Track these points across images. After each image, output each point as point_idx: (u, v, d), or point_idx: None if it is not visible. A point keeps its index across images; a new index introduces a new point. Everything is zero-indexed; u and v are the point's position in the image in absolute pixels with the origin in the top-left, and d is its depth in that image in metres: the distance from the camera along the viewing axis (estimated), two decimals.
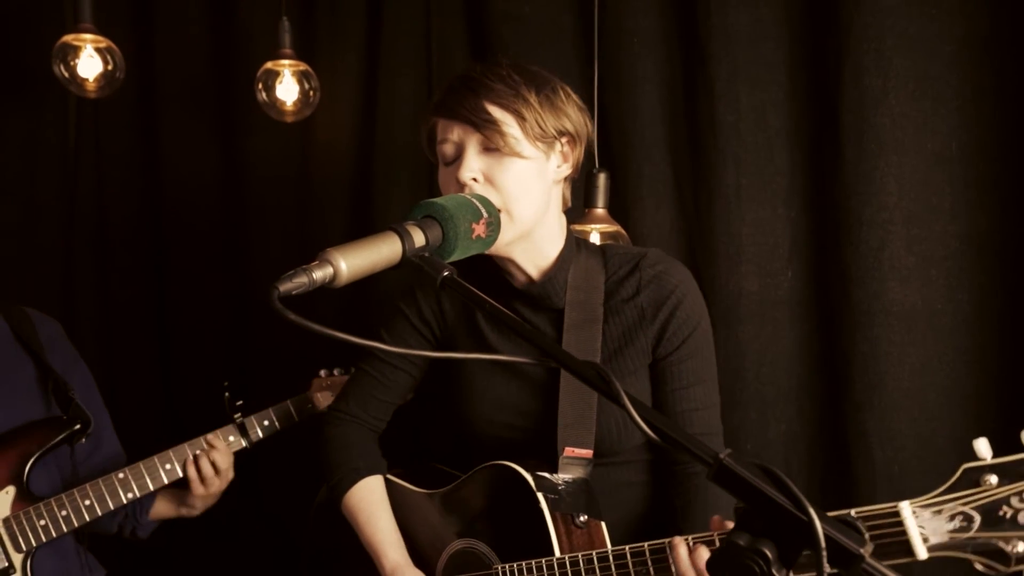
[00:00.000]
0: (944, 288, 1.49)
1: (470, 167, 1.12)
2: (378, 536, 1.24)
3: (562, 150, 1.18)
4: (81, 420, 1.43)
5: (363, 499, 1.27)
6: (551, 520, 1.13)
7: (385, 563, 1.23)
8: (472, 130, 1.12)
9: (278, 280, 0.78)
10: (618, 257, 1.25)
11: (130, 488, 1.42)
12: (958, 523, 0.81)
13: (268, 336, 2.10)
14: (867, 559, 0.64)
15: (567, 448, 1.17)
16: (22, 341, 1.47)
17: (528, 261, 1.20)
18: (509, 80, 1.13)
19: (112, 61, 1.90)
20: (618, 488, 1.24)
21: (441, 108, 1.16)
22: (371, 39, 1.97)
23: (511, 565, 1.15)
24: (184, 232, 2.19)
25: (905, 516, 0.83)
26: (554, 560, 1.11)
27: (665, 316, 1.18)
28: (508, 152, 1.11)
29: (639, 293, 1.20)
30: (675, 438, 0.74)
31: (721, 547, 0.68)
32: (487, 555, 1.20)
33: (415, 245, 0.89)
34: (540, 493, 1.14)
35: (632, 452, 1.24)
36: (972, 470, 0.82)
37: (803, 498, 0.66)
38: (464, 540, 1.24)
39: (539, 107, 1.13)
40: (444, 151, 1.16)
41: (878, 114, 1.47)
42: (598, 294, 1.22)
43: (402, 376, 1.31)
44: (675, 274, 1.21)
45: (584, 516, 1.15)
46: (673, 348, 1.19)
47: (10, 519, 1.35)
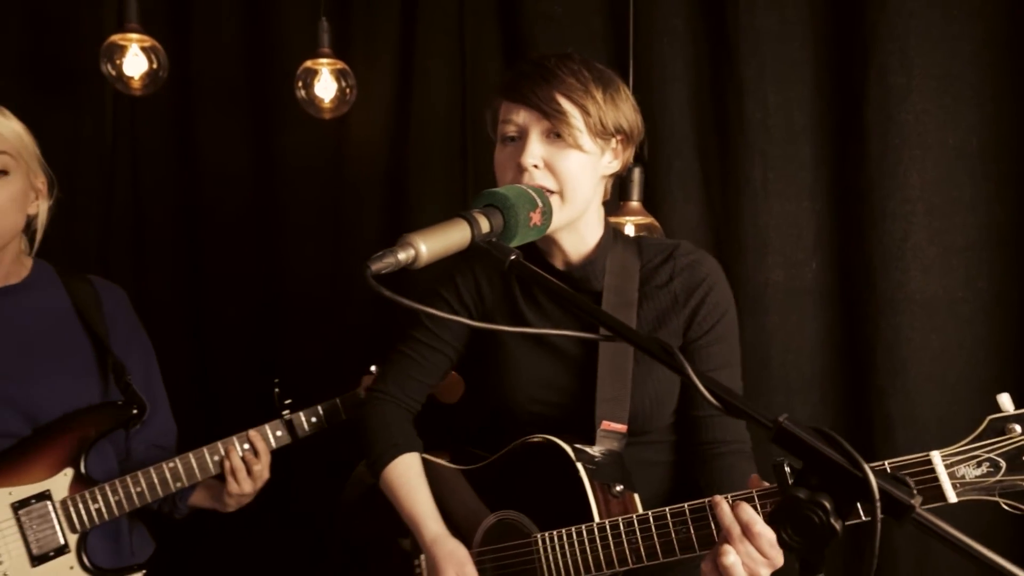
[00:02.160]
0: (964, 277, 1.55)
1: (533, 153, 1.17)
2: (417, 509, 1.29)
3: (614, 148, 1.24)
4: (137, 406, 1.48)
5: (402, 474, 1.32)
6: (590, 488, 1.17)
7: (425, 534, 1.27)
8: (539, 117, 1.17)
9: (369, 260, 0.83)
10: (652, 247, 1.31)
11: (179, 478, 1.47)
12: (985, 469, 0.90)
13: (302, 331, 2.17)
14: (917, 509, 0.70)
15: (604, 422, 1.22)
16: (84, 320, 1.51)
17: (571, 246, 1.26)
18: (580, 75, 1.18)
19: (156, 60, 1.97)
20: (645, 467, 1.29)
21: (511, 91, 1.20)
22: (405, 39, 2.04)
23: (552, 532, 1.19)
24: (219, 228, 2.25)
25: (936, 463, 0.91)
26: (595, 525, 1.15)
27: (696, 302, 1.25)
28: (571, 143, 1.17)
29: (672, 280, 1.27)
30: (735, 404, 0.80)
31: (782, 501, 0.74)
32: (526, 525, 1.24)
33: (481, 231, 0.95)
34: (579, 463, 1.19)
35: (660, 432, 1.30)
36: (997, 420, 0.90)
37: (857, 456, 0.72)
38: (501, 512, 1.28)
39: (603, 105, 1.18)
40: (505, 131, 1.21)
41: (902, 111, 1.53)
42: (633, 280, 1.27)
43: (440, 358, 1.37)
44: (706, 264, 1.28)
45: (620, 486, 1.19)
46: (702, 332, 1.25)
47: (67, 500, 1.39)
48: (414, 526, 1.30)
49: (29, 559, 1.35)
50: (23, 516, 1.36)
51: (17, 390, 1.38)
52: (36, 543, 1.36)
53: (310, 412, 1.58)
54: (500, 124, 1.22)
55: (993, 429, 0.91)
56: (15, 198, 1.39)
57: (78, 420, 1.42)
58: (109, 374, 1.50)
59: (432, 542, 1.27)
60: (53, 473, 1.39)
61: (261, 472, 1.49)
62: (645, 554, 1.11)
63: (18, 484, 1.36)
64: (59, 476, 1.39)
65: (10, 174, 1.38)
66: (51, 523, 1.37)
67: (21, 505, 1.36)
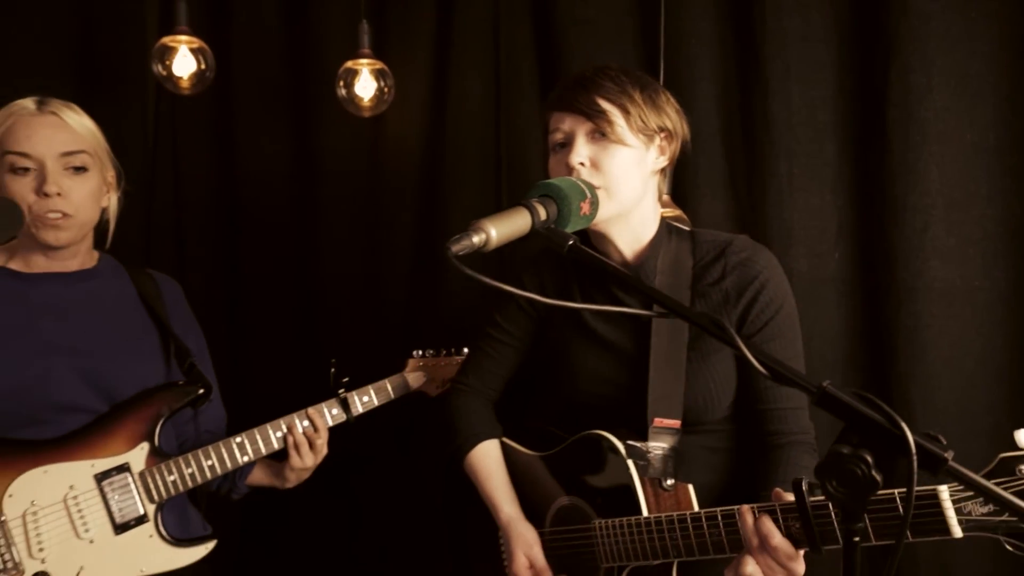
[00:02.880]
0: (981, 267, 1.64)
1: (579, 153, 1.26)
2: (495, 493, 1.40)
3: (660, 144, 1.31)
4: (204, 386, 1.56)
5: (482, 460, 1.43)
6: (639, 484, 1.25)
7: (501, 515, 1.39)
8: (583, 120, 1.26)
9: (449, 242, 0.92)
10: (707, 244, 1.35)
11: (246, 452, 1.54)
12: (992, 507, 0.90)
13: (338, 323, 2.24)
14: (950, 462, 0.79)
15: (656, 419, 1.28)
16: (148, 306, 1.59)
17: (624, 243, 1.33)
18: (617, 79, 1.27)
19: (204, 61, 2.07)
20: (704, 453, 1.33)
21: (557, 102, 1.31)
22: (441, 40, 2.12)
23: (606, 521, 1.28)
24: (257, 224, 2.32)
25: (944, 499, 0.92)
26: (641, 519, 1.23)
27: (748, 299, 1.27)
28: (614, 140, 1.25)
29: (724, 278, 1.29)
30: (782, 372, 0.88)
31: (827, 456, 0.82)
32: (588, 511, 1.33)
33: (540, 218, 1.04)
34: (630, 460, 1.26)
35: (718, 423, 1.33)
36: (1008, 459, 0.89)
37: (895, 416, 0.80)
38: (569, 497, 1.37)
39: (642, 104, 1.27)
40: (555, 139, 1.30)
41: (922, 108, 1.62)
42: (686, 278, 1.32)
43: (511, 352, 1.48)
44: (760, 260, 1.30)
45: (671, 480, 1.25)
46: (756, 330, 1.27)
47: (144, 473, 1.47)
48: (492, 507, 1.41)
49: (113, 527, 1.43)
50: (106, 487, 1.43)
51: (96, 368, 1.47)
52: (118, 512, 1.44)
53: (362, 392, 1.66)
54: (550, 134, 1.32)
55: (1004, 468, 0.90)
56: (93, 192, 1.49)
57: (152, 398, 1.51)
58: (172, 358, 1.59)
59: (506, 524, 1.38)
60: (131, 447, 1.47)
61: (321, 447, 1.58)
62: (684, 550, 1.18)
63: (99, 457, 1.44)
64: (136, 450, 1.47)
65: (88, 170, 1.47)
66: (131, 493, 1.45)
67: (103, 476, 1.44)
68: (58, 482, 1.41)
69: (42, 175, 1.41)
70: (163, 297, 1.64)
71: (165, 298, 1.65)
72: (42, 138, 1.43)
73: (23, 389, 1.40)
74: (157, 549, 1.46)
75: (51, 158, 1.42)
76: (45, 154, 1.42)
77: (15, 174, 1.41)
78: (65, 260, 1.51)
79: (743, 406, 1.31)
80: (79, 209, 1.45)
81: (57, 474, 1.41)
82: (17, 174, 1.41)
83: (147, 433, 1.49)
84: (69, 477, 1.42)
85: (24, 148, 1.41)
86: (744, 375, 1.30)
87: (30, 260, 1.49)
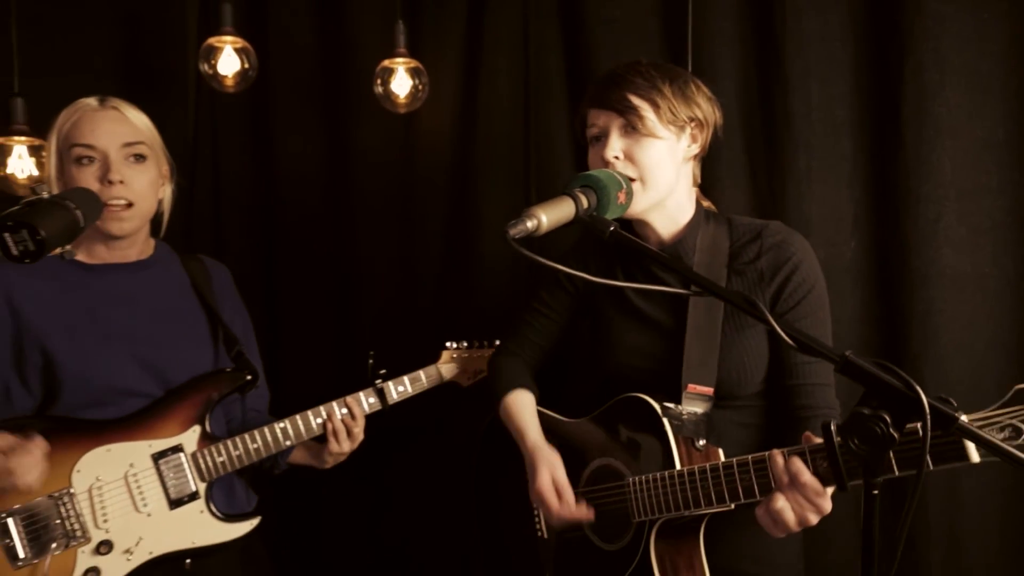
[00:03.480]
0: (991, 254, 1.72)
1: (613, 147, 1.34)
2: (523, 423, 1.51)
3: (691, 132, 1.38)
4: (251, 373, 1.65)
5: (516, 401, 1.55)
6: (674, 441, 1.33)
7: (527, 441, 1.48)
8: (615, 115, 1.34)
9: (506, 226, 1.01)
10: (742, 227, 1.42)
11: (288, 436, 1.64)
12: (1008, 433, 0.98)
13: (372, 313, 2.32)
14: (960, 421, 0.88)
15: (690, 384, 1.35)
16: (199, 294, 1.68)
17: (661, 226, 1.41)
18: (647, 75, 1.34)
19: (247, 60, 2.16)
20: (735, 428, 1.39)
21: (592, 99, 1.39)
22: (473, 39, 2.19)
23: (641, 477, 1.35)
24: (295, 216, 2.39)
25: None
26: (675, 472, 1.30)
27: (782, 279, 1.34)
28: (645, 133, 1.33)
29: (760, 258, 1.36)
30: (808, 343, 0.97)
31: (848, 418, 0.91)
32: (622, 470, 1.40)
33: (583, 206, 1.13)
34: (665, 419, 1.33)
35: (749, 399, 1.39)
36: (1022, 391, 0.98)
37: (911, 380, 0.89)
38: (603, 458, 1.44)
39: (671, 96, 1.34)
40: (592, 133, 1.39)
41: (936, 104, 1.70)
42: (723, 257, 1.38)
43: (552, 325, 1.59)
44: (794, 243, 1.37)
45: (703, 441, 1.33)
46: (788, 308, 1.34)
47: (196, 453, 1.56)
48: (519, 437, 1.51)
49: (168, 503, 1.53)
50: (162, 465, 1.53)
51: (152, 355, 1.56)
52: (173, 489, 1.53)
53: (397, 382, 1.75)
54: (588, 128, 1.40)
55: (1018, 398, 0.99)
56: (152, 182, 1.58)
57: (204, 383, 1.60)
58: (220, 345, 1.67)
59: (532, 448, 1.47)
60: (184, 429, 1.56)
61: (358, 434, 1.67)
62: (716, 498, 1.25)
63: (156, 438, 1.54)
64: (189, 432, 1.57)
65: (147, 159, 1.57)
66: (184, 472, 1.55)
67: (160, 456, 1.53)
68: (120, 460, 1.51)
69: (106, 164, 1.51)
70: (212, 283, 1.73)
71: (215, 284, 1.74)
72: (105, 131, 1.52)
73: (88, 375, 1.50)
74: (207, 523, 1.56)
75: (114, 149, 1.52)
76: (108, 145, 1.52)
77: (81, 164, 1.51)
78: (125, 250, 1.61)
79: (774, 382, 1.38)
80: (140, 197, 1.55)
81: (119, 453, 1.51)
82: (83, 164, 1.51)
83: (198, 417, 1.58)
84: (129, 456, 1.51)
85: (89, 140, 1.51)
86: (775, 351, 1.37)
87: (93, 251, 1.58)
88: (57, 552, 1.45)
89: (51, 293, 1.52)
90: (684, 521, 1.33)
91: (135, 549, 1.49)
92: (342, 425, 1.66)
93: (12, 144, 1.99)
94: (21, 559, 1.43)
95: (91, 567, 1.45)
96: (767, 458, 1.19)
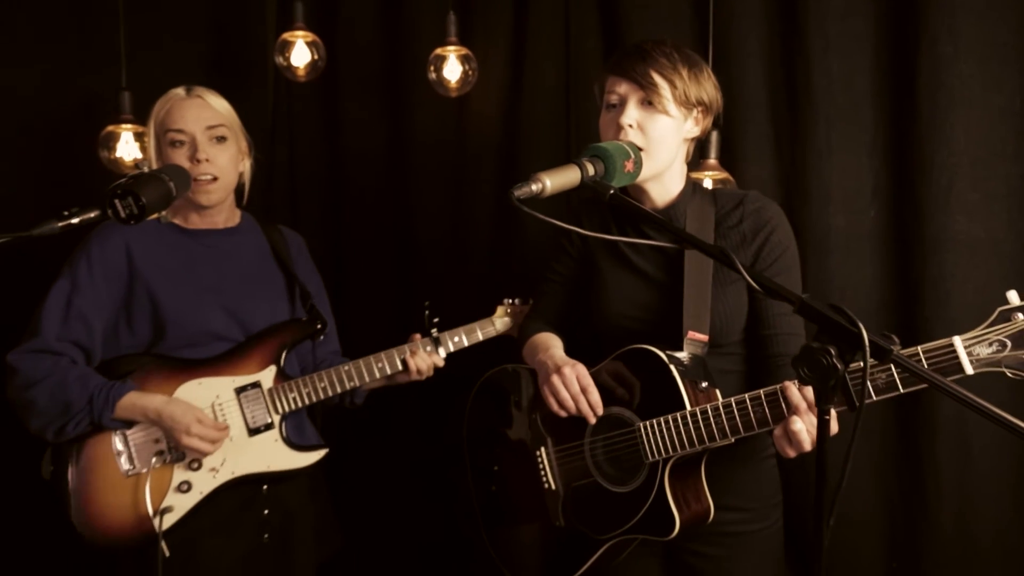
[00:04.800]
0: (1006, 220, 1.78)
1: (630, 115, 1.46)
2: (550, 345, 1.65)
3: (696, 116, 1.52)
4: (321, 322, 1.90)
5: (543, 336, 1.71)
6: (682, 384, 1.43)
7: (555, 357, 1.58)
8: (636, 88, 1.46)
9: (512, 188, 1.19)
10: (725, 196, 1.57)
11: (352, 379, 1.85)
12: (995, 348, 1.14)
13: (429, 276, 2.50)
14: (894, 352, 1.01)
15: (690, 332, 1.48)
16: (278, 257, 1.93)
17: (657, 195, 1.56)
18: (671, 57, 1.47)
19: (317, 52, 2.40)
20: (720, 375, 1.52)
21: (616, 67, 1.50)
22: (518, 27, 2.34)
23: (651, 421, 1.45)
24: (360, 190, 2.59)
25: (957, 346, 1.16)
26: (687, 412, 1.41)
27: (761, 240, 1.50)
28: (659, 109, 1.46)
29: (742, 222, 1.52)
30: (770, 286, 1.10)
31: (800, 350, 1.04)
32: (629, 418, 1.50)
33: (588, 173, 1.29)
34: (672, 365, 1.45)
35: (733, 346, 1.53)
36: (1005, 311, 1.13)
37: (856, 319, 1.02)
38: (608, 408, 1.52)
39: (687, 80, 1.46)
40: (610, 100, 1.51)
41: (950, 76, 1.77)
42: (710, 223, 1.54)
43: (562, 290, 1.75)
44: (771, 210, 1.53)
45: (705, 383, 1.45)
46: (766, 266, 1.49)
47: (272, 390, 1.81)
48: (545, 353, 1.60)
49: (247, 431, 1.78)
50: (242, 398, 1.79)
51: (237, 306, 1.82)
52: (251, 419, 1.79)
53: (453, 333, 1.94)
54: (606, 94, 1.52)
55: (1002, 317, 1.14)
56: (232, 158, 1.84)
57: (279, 330, 1.85)
58: (296, 299, 1.92)
59: (561, 360, 1.55)
60: (262, 368, 1.82)
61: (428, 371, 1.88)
62: (730, 431, 1.37)
63: (238, 375, 1.80)
64: (266, 371, 1.82)
65: (227, 139, 1.83)
66: (262, 405, 1.80)
67: (241, 390, 1.79)
68: (208, 392, 1.77)
69: (194, 146, 1.77)
70: (290, 249, 1.98)
71: (291, 250, 1.99)
72: (192, 117, 1.78)
73: (186, 320, 1.76)
74: (281, 451, 1.80)
75: (199, 132, 1.78)
76: (195, 129, 1.78)
77: (174, 147, 1.78)
78: (213, 217, 1.87)
79: (751, 332, 1.53)
80: (223, 172, 1.80)
81: (208, 386, 1.77)
82: (175, 147, 1.78)
83: (275, 358, 1.83)
84: (216, 389, 1.78)
85: (179, 125, 1.78)
86: (753, 304, 1.51)
87: (188, 218, 1.86)
88: (157, 466, 1.73)
89: (158, 251, 1.80)
90: (689, 458, 1.45)
91: (220, 468, 1.76)
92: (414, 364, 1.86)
93: (120, 131, 2.28)
94: (129, 469, 1.73)
95: (184, 480, 1.74)
96: (779, 390, 1.32)
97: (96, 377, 1.70)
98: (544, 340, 1.69)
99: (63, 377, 1.66)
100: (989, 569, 1.83)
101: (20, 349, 1.69)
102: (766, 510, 1.59)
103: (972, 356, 1.17)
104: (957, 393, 1.00)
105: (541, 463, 1.67)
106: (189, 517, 1.72)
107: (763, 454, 1.58)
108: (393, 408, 2.39)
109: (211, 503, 1.74)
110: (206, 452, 1.71)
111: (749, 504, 1.56)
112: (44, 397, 1.65)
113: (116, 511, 1.71)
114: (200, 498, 1.73)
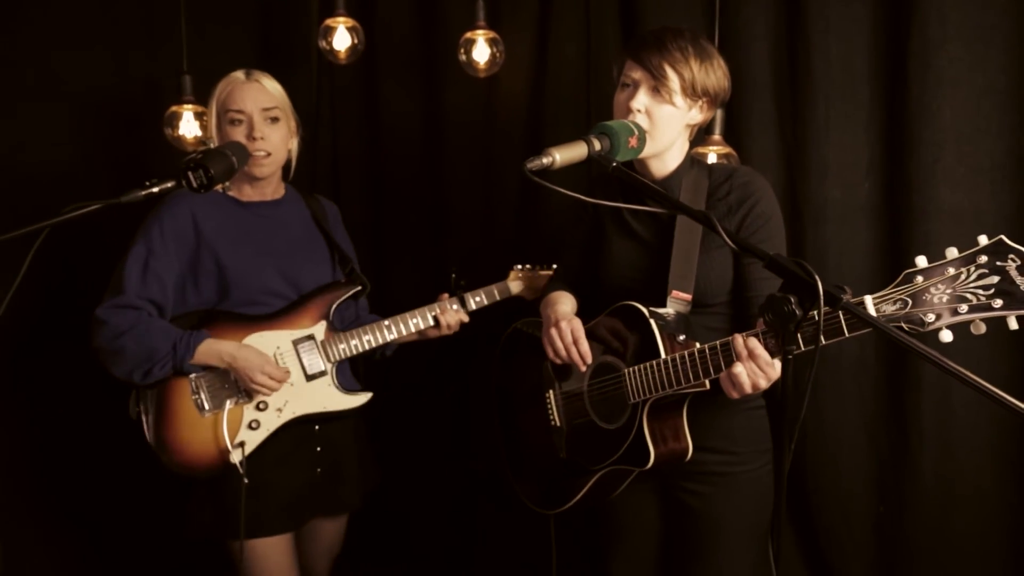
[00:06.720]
0: (989, 192, 1.92)
1: (639, 100, 1.58)
2: (559, 301, 1.81)
3: (700, 105, 1.63)
4: (362, 284, 2.13)
5: (557, 294, 1.86)
6: (659, 336, 1.57)
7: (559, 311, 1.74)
8: (649, 76, 1.57)
9: (525, 161, 1.38)
10: (719, 171, 1.69)
11: (392, 332, 2.08)
12: (899, 306, 1.27)
13: (460, 241, 2.69)
14: (845, 300, 1.18)
15: (674, 291, 1.62)
16: (319, 224, 2.12)
17: (656, 169, 1.69)
18: (685, 50, 1.56)
19: (357, 37, 2.59)
20: (706, 333, 1.62)
21: (633, 53, 1.60)
22: (543, 13, 2.49)
23: (634, 367, 1.61)
24: (397, 163, 2.74)
25: (868, 303, 1.29)
26: (660, 360, 1.56)
27: (745, 210, 1.61)
28: (667, 99, 1.58)
29: (730, 194, 1.64)
30: (745, 246, 1.28)
31: (766, 299, 1.22)
32: (619, 365, 1.66)
33: (595, 148, 1.46)
34: (652, 320, 1.59)
35: (721, 306, 1.65)
36: (909, 273, 1.26)
37: (813, 271, 1.20)
38: (603, 357, 1.70)
39: (697, 72, 1.57)
40: (624, 81, 1.62)
41: (938, 57, 1.90)
42: (702, 195, 1.66)
43: (576, 257, 1.91)
44: (756, 182, 1.64)
45: (683, 336, 1.58)
46: (749, 234, 1.60)
47: (324, 341, 2.04)
48: (551, 308, 1.77)
49: (304, 377, 2.01)
50: (300, 348, 2.02)
51: (289, 267, 2.04)
52: (308, 366, 2.02)
53: (474, 293, 2.16)
54: (622, 75, 1.63)
55: (906, 279, 1.26)
56: (283, 136, 2.06)
57: (328, 290, 2.07)
58: (336, 264, 2.15)
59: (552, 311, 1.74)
60: (314, 323, 2.04)
61: (455, 325, 2.11)
62: (692, 376, 1.51)
63: (295, 329, 2.03)
64: (318, 325, 2.04)
65: (280, 120, 2.05)
66: (316, 354, 2.03)
67: (298, 341, 2.00)
68: (270, 343, 1.99)
69: (250, 125, 1.99)
70: (327, 218, 2.20)
71: (329, 218, 2.21)
72: (250, 98, 1.99)
73: (246, 280, 1.98)
74: (333, 394, 2.03)
75: (256, 112, 1.99)
76: (252, 110, 1.99)
77: (233, 125, 2.00)
78: (264, 189, 2.09)
79: (736, 294, 1.66)
80: (276, 148, 2.02)
81: (269, 338, 1.99)
82: (234, 125, 2.00)
83: (325, 314, 2.06)
84: (276, 340, 2.00)
85: (238, 106, 1.99)
86: (738, 268, 1.66)
87: (242, 190, 2.08)
88: (230, 407, 1.98)
89: (220, 217, 2.03)
90: (669, 400, 1.60)
91: (283, 408, 2.00)
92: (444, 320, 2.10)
93: (182, 111, 2.50)
94: (206, 410, 1.98)
95: (253, 419, 1.98)
96: (730, 341, 1.46)
97: (176, 328, 1.94)
98: (554, 297, 1.88)
99: (148, 328, 1.90)
100: (964, 510, 2.00)
101: (106, 305, 1.93)
102: (753, 455, 1.73)
103: (880, 312, 1.29)
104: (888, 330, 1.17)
105: (549, 404, 1.85)
106: (257, 451, 1.97)
107: (750, 404, 1.74)
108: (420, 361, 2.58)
109: (274, 440, 1.98)
110: (270, 391, 1.95)
111: (735, 448, 1.70)
112: (132, 344, 1.88)
113: (197, 445, 1.95)
114: (267, 434, 1.98)
